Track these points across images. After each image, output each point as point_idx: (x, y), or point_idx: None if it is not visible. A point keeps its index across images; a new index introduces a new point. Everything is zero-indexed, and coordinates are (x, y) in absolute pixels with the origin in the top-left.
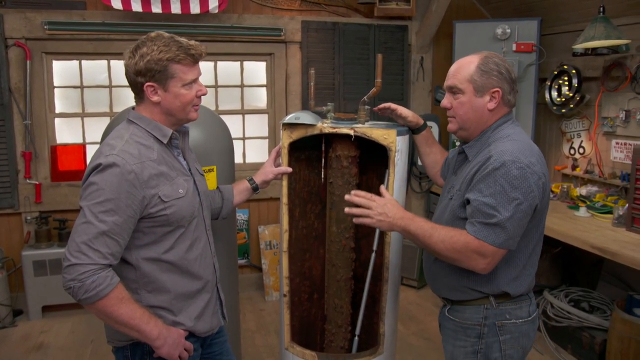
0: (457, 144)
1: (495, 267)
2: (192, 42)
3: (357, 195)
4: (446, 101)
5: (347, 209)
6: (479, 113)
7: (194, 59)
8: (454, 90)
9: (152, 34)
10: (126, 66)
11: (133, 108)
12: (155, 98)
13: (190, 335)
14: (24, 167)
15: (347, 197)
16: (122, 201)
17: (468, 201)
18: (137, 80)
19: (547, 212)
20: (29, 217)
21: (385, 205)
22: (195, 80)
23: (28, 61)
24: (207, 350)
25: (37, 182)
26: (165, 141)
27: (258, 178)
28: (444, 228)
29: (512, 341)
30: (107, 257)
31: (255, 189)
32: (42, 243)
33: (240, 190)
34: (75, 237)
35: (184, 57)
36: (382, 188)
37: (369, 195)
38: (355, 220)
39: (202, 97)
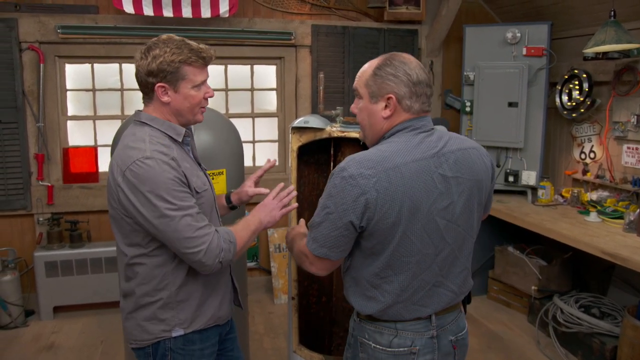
0: None
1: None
2: (202, 46)
3: None
4: (353, 106)
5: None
6: (373, 120)
7: (204, 62)
8: (356, 94)
9: (164, 37)
10: (137, 66)
11: (139, 111)
12: (165, 98)
13: (214, 327)
14: (36, 169)
15: None
16: (180, 184)
17: None
18: (148, 81)
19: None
20: (41, 219)
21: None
22: (204, 82)
23: (41, 64)
24: (220, 346)
25: (49, 184)
26: (180, 139)
27: (234, 196)
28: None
29: None
30: (211, 225)
31: (232, 208)
32: (53, 244)
33: (219, 206)
34: (184, 234)
35: (196, 60)
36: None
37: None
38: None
39: (211, 99)
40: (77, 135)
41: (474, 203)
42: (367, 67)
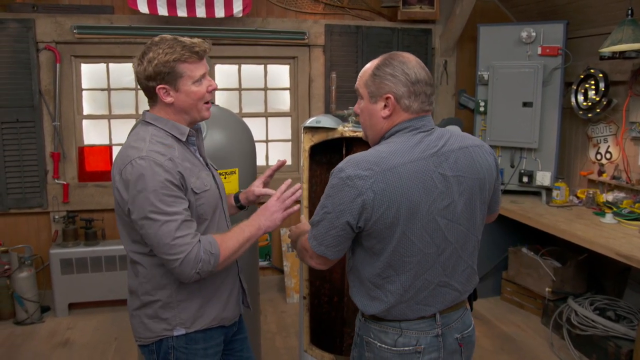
0: None
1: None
2: (195, 40)
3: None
4: (356, 106)
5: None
6: (374, 120)
7: (199, 56)
8: (357, 95)
9: (156, 38)
10: (136, 73)
11: (146, 111)
12: (168, 99)
13: (218, 327)
14: (52, 167)
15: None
16: (170, 189)
17: None
18: (148, 85)
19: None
20: (56, 216)
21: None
22: (204, 76)
23: (58, 64)
24: (228, 346)
25: (64, 182)
26: (183, 139)
27: (242, 196)
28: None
29: None
30: (195, 235)
31: (240, 207)
32: (69, 242)
33: (229, 205)
34: (163, 240)
35: (189, 56)
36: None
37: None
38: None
39: (224, 99)
40: (93, 134)
41: (476, 202)
42: (368, 67)
